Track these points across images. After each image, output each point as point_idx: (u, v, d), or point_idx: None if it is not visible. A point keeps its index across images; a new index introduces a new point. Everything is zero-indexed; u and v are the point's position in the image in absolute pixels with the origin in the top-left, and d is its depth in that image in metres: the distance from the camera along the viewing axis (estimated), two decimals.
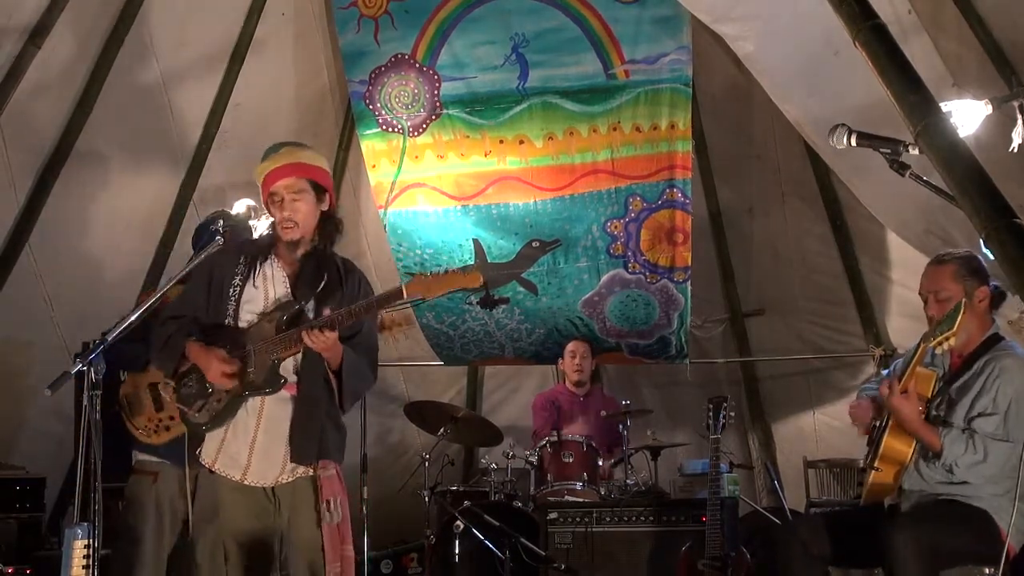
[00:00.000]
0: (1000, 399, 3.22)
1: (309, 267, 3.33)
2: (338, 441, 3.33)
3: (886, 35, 2.43)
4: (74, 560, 2.77)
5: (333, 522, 3.19)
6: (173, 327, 3.34)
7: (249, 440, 3.23)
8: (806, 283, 6.64)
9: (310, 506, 3.21)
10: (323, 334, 3.08)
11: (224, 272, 3.34)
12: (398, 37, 6.11)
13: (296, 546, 3.24)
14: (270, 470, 3.23)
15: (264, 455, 3.22)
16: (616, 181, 6.15)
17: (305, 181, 3.30)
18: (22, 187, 5.43)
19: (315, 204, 3.33)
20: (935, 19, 4.57)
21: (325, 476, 3.23)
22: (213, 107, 6.07)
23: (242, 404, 3.24)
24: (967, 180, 2.20)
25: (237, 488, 3.25)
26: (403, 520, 6.18)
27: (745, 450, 7.06)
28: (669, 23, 5.75)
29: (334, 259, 3.40)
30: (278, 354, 3.20)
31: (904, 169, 2.85)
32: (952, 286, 3.35)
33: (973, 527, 3.19)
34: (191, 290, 3.42)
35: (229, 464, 3.25)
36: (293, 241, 3.31)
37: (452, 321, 6.79)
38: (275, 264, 3.35)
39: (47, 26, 5.10)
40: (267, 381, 3.21)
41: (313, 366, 3.24)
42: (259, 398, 3.24)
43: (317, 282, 3.29)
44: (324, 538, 3.17)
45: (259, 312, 3.28)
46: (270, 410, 3.24)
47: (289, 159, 3.33)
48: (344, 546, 3.22)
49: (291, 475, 3.24)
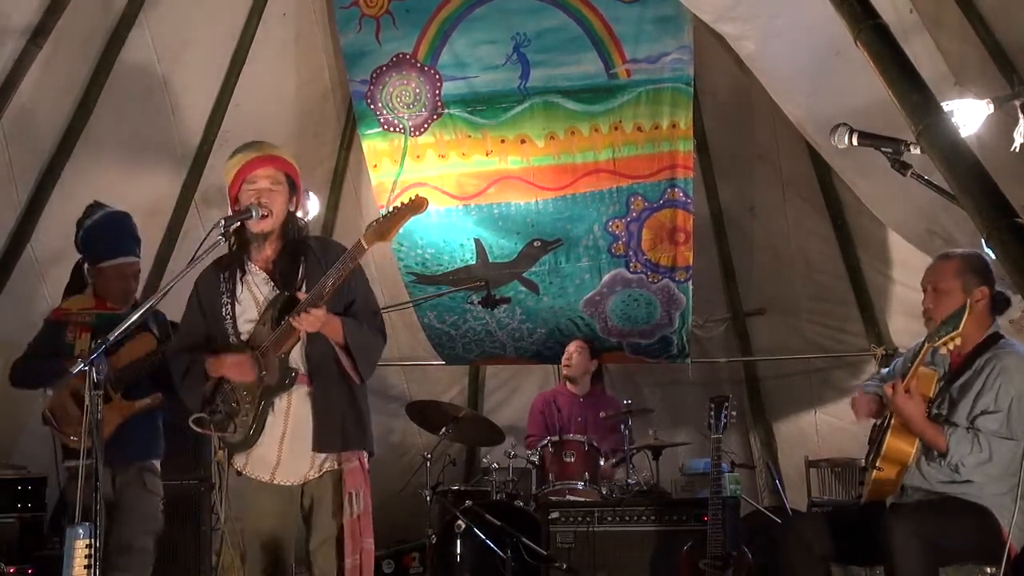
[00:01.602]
0: (1002, 397, 3.22)
1: (284, 258, 3.34)
2: (359, 431, 3.35)
3: (887, 34, 2.42)
4: (75, 560, 2.78)
5: (354, 515, 3.23)
6: (187, 358, 3.37)
7: (278, 441, 3.26)
8: (807, 282, 6.64)
9: (331, 498, 3.26)
10: (309, 314, 3.09)
11: (211, 295, 3.37)
12: (399, 36, 6.12)
13: (315, 537, 3.30)
14: (299, 468, 3.28)
15: (292, 453, 3.27)
16: (617, 181, 6.15)
17: (282, 174, 3.34)
18: (24, 187, 5.42)
19: (287, 199, 3.36)
20: (937, 18, 4.57)
21: (349, 468, 3.27)
22: (214, 107, 6.06)
23: (269, 410, 3.26)
24: (968, 180, 2.19)
25: (264, 488, 3.29)
26: (405, 520, 6.18)
27: (747, 449, 7.06)
28: (670, 22, 5.75)
29: (307, 243, 3.42)
30: (281, 348, 3.21)
31: (905, 169, 2.85)
32: (952, 281, 3.37)
33: (974, 526, 3.19)
34: (190, 320, 3.44)
35: (258, 466, 3.30)
36: (263, 234, 3.31)
37: (453, 321, 6.79)
38: (252, 269, 3.36)
39: (48, 26, 5.10)
40: (281, 377, 3.23)
41: (321, 356, 3.27)
42: (285, 400, 3.26)
43: (296, 267, 3.32)
44: (345, 530, 3.21)
45: (254, 319, 3.30)
46: (296, 409, 3.27)
47: (268, 152, 3.38)
48: (364, 539, 3.26)
49: (319, 471, 3.28)
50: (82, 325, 4.12)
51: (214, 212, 6.03)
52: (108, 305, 4.17)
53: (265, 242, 3.35)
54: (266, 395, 3.24)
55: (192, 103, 5.98)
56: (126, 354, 4.03)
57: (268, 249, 3.36)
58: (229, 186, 3.37)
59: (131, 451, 4.04)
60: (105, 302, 4.18)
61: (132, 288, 4.25)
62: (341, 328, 3.22)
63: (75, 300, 4.22)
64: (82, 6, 5.21)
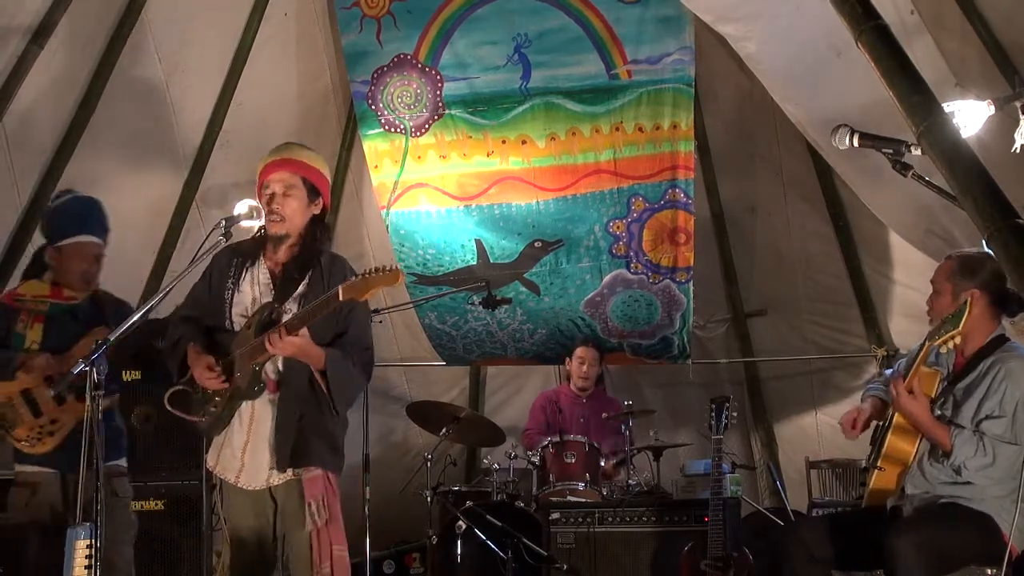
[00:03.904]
0: (1007, 401, 3.21)
1: (292, 267, 3.31)
2: (323, 447, 3.25)
3: (888, 35, 2.42)
4: (76, 560, 2.77)
5: (318, 523, 3.18)
6: (183, 329, 3.35)
7: (241, 444, 3.24)
8: (808, 283, 6.64)
9: (298, 508, 3.22)
10: (282, 340, 3.03)
11: (221, 274, 3.36)
12: (400, 37, 6.12)
13: (291, 546, 3.27)
14: (259, 473, 3.24)
15: (253, 458, 3.24)
16: (618, 181, 6.15)
17: (299, 178, 3.31)
18: (25, 187, 5.43)
19: (306, 203, 3.33)
20: (938, 19, 4.57)
21: (308, 477, 3.21)
22: (215, 107, 6.07)
23: (236, 409, 3.25)
24: (969, 180, 2.19)
25: (236, 489, 3.28)
26: (405, 520, 6.18)
27: (747, 450, 7.06)
28: (671, 23, 5.75)
29: (319, 259, 3.35)
30: (255, 358, 3.16)
31: (906, 169, 2.85)
32: (944, 283, 3.40)
33: (975, 529, 3.18)
34: (199, 289, 3.43)
35: (226, 467, 3.28)
36: (279, 236, 3.30)
37: (454, 321, 6.79)
38: (262, 266, 3.34)
39: (50, 26, 5.10)
40: (249, 385, 3.20)
41: (294, 370, 3.22)
42: (251, 406, 3.24)
43: (297, 284, 3.28)
44: (312, 539, 3.17)
45: (244, 315, 3.28)
46: (258, 414, 3.24)
47: (288, 155, 3.35)
48: (335, 547, 3.21)
49: (280, 478, 3.24)
50: (35, 314, 3.89)
51: (215, 212, 6.04)
52: (65, 294, 3.94)
53: (281, 246, 3.33)
54: (235, 397, 3.23)
55: (193, 103, 5.99)
56: (81, 351, 3.78)
57: (282, 253, 3.34)
58: (257, 188, 3.38)
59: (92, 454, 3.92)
60: (62, 290, 3.95)
61: (93, 272, 3.99)
62: (323, 359, 3.16)
63: (31, 285, 3.98)
64: (84, 7, 5.22)
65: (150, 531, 4.51)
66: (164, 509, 4.60)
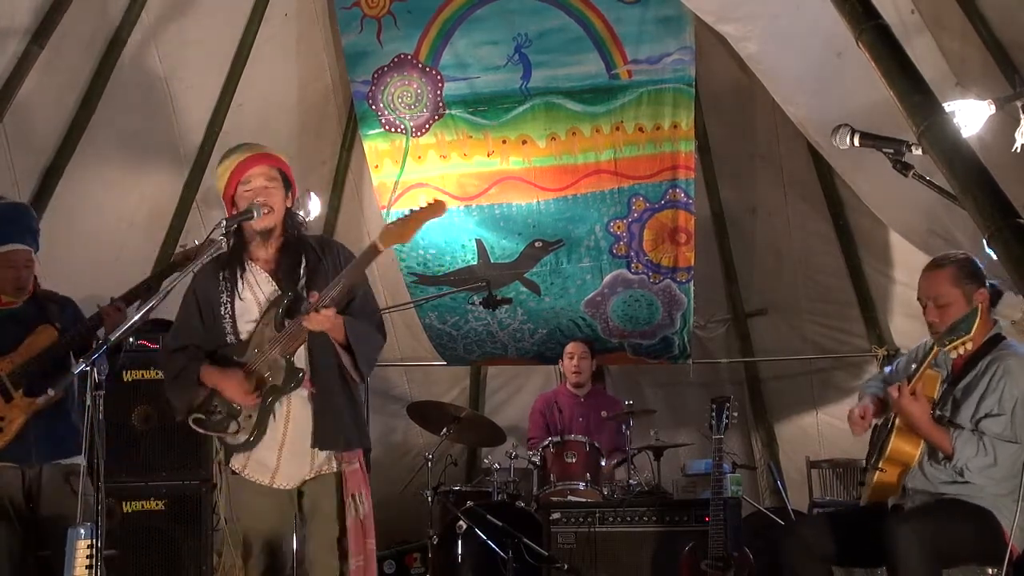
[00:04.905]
0: (1006, 400, 3.21)
1: (286, 257, 3.35)
2: (358, 430, 3.38)
3: (889, 35, 2.42)
4: (77, 560, 2.77)
5: (358, 516, 3.23)
6: (183, 359, 3.34)
7: (278, 444, 3.25)
8: (809, 283, 6.64)
9: (331, 501, 3.26)
10: (320, 314, 3.09)
11: (209, 294, 3.35)
12: (401, 37, 6.13)
13: (315, 539, 3.29)
14: (298, 471, 3.27)
15: (292, 457, 3.26)
16: (619, 181, 6.16)
17: (276, 171, 3.35)
18: (25, 188, 5.41)
19: (284, 197, 3.37)
20: (938, 19, 4.57)
21: (350, 470, 3.28)
22: (216, 107, 6.07)
23: (271, 411, 3.25)
24: (970, 180, 2.19)
25: (263, 491, 3.28)
26: (406, 520, 6.18)
27: (748, 450, 7.06)
28: (672, 23, 5.75)
29: (307, 242, 3.42)
30: (288, 349, 3.21)
31: (907, 169, 2.85)
32: (951, 291, 3.32)
33: (976, 527, 3.18)
34: (185, 318, 3.41)
35: (257, 469, 3.28)
36: (267, 229, 3.31)
37: (455, 321, 6.79)
38: (253, 268, 3.35)
39: (50, 26, 5.10)
40: (288, 378, 3.22)
41: (323, 356, 3.27)
42: (284, 403, 3.25)
43: (298, 267, 3.32)
44: (349, 532, 3.22)
45: (255, 319, 3.29)
46: (295, 412, 3.26)
47: (260, 151, 3.39)
48: (367, 540, 3.26)
49: (316, 471, 3.27)
50: None
51: (215, 212, 6.03)
52: (3, 300, 3.99)
53: (267, 240, 3.34)
54: (272, 395, 3.23)
55: (194, 104, 5.99)
56: (26, 349, 3.88)
57: (270, 247, 3.35)
58: (223, 190, 3.37)
59: (45, 449, 3.85)
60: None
61: (24, 278, 4.01)
62: (343, 327, 3.22)
63: None
64: (84, 7, 5.22)
65: (150, 531, 4.52)
66: (164, 509, 4.59)
